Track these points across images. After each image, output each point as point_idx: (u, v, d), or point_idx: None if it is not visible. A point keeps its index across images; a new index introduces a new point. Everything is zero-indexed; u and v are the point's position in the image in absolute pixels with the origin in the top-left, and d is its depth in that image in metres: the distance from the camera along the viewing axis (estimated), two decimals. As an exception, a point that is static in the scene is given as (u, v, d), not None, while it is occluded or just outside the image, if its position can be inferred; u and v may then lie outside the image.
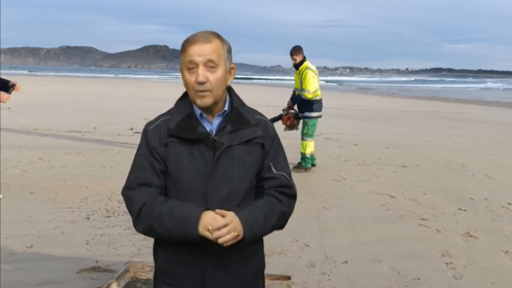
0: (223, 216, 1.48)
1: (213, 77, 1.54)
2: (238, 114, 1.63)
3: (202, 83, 1.53)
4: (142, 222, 1.54)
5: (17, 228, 4.22)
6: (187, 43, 1.56)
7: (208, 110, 1.60)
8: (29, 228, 4.23)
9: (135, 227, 1.58)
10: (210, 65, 1.54)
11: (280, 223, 1.64)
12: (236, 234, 1.48)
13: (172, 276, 1.63)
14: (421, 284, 3.42)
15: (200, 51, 1.53)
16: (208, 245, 1.53)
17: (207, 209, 1.51)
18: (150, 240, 1.70)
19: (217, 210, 1.49)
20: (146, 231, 1.56)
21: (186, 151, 1.57)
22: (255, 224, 1.53)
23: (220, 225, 1.46)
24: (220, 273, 1.60)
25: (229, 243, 1.48)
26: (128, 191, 1.61)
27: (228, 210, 1.51)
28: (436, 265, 3.76)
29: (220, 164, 1.56)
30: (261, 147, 1.63)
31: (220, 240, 1.46)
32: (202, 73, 1.53)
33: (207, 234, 1.47)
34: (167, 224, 1.50)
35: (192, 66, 1.54)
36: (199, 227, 1.47)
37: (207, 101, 1.56)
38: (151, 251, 1.76)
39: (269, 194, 1.62)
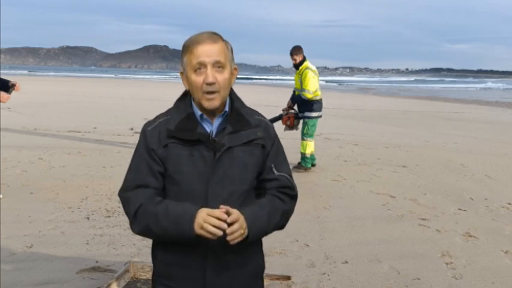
0: (228, 213, 1.45)
1: (221, 78, 1.53)
2: (238, 115, 1.61)
3: (211, 84, 1.51)
4: (139, 223, 1.53)
5: (17, 228, 4.22)
6: (192, 44, 1.54)
7: (211, 111, 1.58)
8: (29, 228, 4.23)
9: (132, 229, 1.57)
10: (218, 65, 1.53)
11: (282, 222, 1.63)
12: (243, 231, 1.47)
13: (172, 279, 1.62)
14: (421, 284, 3.42)
15: (208, 52, 1.52)
16: (208, 247, 1.53)
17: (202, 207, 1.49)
18: (150, 240, 1.69)
19: (222, 206, 1.46)
20: (143, 232, 1.55)
21: (186, 152, 1.55)
22: (259, 222, 1.53)
23: (223, 218, 1.43)
24: (221, 276, 1.58)
25: (236, 241, 1.46)
26: (124, 193, 1.59)
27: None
28: (436, 265, 3.76)
29: (220, 165, 1.54)
30: (262, 148, 1.62)
31: (229, 238, 1.44)
32: (211, 73, 1.51)
33: (201, 232, 1.44)
34: (163, 223, 1.49)
35: (200, 67, 1.52)
36: (194, 225, 1.45)
37: (215, 103, 1.55)
38: (151, 251, 1.75)
39: (271, 194, 1.62)
